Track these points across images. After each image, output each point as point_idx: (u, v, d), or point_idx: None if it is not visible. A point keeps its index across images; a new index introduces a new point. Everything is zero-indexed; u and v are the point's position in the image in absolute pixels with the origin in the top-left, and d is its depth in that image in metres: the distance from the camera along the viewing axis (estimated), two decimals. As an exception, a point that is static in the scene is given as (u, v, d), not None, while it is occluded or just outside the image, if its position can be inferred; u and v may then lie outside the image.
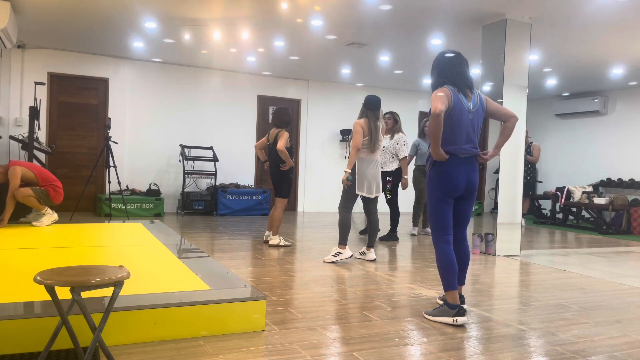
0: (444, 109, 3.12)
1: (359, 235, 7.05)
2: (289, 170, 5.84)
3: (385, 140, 6.55)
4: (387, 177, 6.57)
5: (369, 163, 5.10)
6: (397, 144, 6.52)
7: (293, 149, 5.94)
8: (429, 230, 7.21)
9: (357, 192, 5.08)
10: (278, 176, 5.86)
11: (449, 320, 3.18)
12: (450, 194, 3.25)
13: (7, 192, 5.44)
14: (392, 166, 6.57)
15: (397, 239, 6.74)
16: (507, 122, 3.38)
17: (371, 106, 5.13)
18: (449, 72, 3.30)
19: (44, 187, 5.63)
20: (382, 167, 6.49)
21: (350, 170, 5.05)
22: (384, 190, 6.54)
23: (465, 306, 3.37)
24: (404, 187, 6.57)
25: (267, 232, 6.12)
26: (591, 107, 10.27)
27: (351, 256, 5.10)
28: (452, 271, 3.23)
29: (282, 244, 5.88)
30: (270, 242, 5.90)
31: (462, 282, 3.38)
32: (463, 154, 3.23)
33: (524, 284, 4.52)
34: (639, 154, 9.72)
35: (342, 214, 5.15)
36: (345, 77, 9.88)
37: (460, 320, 3.16)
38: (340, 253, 5.08)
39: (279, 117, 5.93)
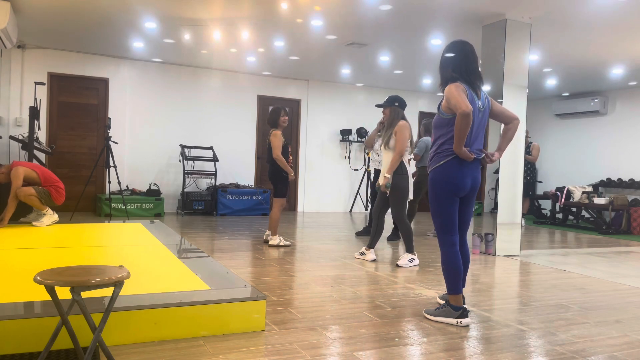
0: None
1: (355, 236, 7.02)
2: (283, 170, 5.84)
3: None
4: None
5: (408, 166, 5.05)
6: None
7: (289, 147, 5.94)
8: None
9: (410, 198, 4.98)
10: (274, 175, 5.88)
11: (452, 321, 3.17)
12: (456, 193, 3.18)
13: (8, 192, 5.45)
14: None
15: (399, 238, 6.80)
16: (510, 124, 3.29)
17: (405, 106, 5.08)
18: (465, 67, 3.16)
19: (47, 188, 5.64)
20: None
21: (390, 176, 4.88)
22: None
23: (465, 306, 3.37)
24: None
25: (267, 232, 6.12)
26: (591, 107, 10.27)
27: (416, 263, 5.05)
28: (458, 275, 3.19)
29: (282, 243, 5.88)
30: (270, 242, 5.90)
31: (462, 285, 3.37)
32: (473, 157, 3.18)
33: (524, 284, 4.52)
34: (639, 154, 9.72)
35: (404, 225, 4.99)
36: (345, 77, 9.88)
37: (465, 321, 3.16)
38: (414, 259, 5.04)
39: (268, 117, 6.03)
